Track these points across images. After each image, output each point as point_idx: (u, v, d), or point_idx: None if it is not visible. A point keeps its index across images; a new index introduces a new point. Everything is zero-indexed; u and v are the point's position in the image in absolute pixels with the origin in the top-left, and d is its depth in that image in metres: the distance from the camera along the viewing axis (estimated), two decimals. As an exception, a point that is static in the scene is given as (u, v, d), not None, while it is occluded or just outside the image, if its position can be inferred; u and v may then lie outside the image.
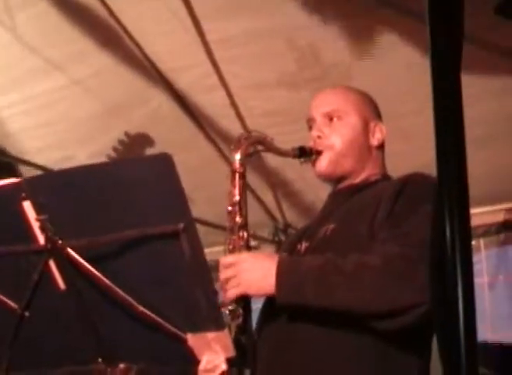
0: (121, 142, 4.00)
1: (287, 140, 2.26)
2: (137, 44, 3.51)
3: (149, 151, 3.88)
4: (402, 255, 1.80)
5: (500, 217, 4.47)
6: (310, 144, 2.19)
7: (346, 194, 2.17)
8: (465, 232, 0.72)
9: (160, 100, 3.85)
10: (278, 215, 4.84)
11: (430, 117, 0.93)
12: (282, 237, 4.79)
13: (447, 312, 0.73)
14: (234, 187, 2.07)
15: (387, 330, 1.83)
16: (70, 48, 3.52)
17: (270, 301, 1.96)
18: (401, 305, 1.78)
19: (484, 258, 4.43)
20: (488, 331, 4.33)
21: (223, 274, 1.93)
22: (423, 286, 1.72)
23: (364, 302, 1.81)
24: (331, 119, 2.19)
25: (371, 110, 2.26)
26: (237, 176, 2.07)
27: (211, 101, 3.87)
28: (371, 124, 2.22)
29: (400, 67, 3.34)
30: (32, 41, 3.47)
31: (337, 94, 2.27)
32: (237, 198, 2.05)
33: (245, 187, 2.08)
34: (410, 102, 3.51)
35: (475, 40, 2.99)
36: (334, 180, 2.21)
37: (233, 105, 3.84)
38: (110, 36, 3.47)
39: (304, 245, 2.09)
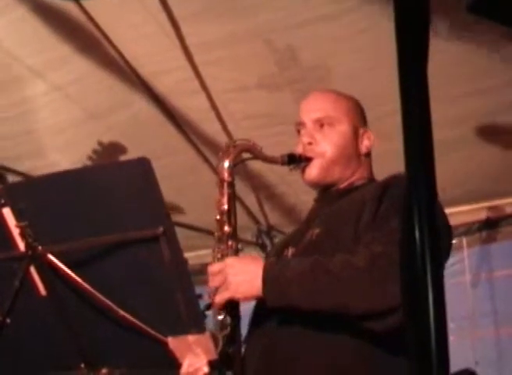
0: (95, 152, 3.98)
1: (269, 142, 2.25)
2: (117, 49, 3.49)
3: (123, 158, 3.84)
4: (385, 254, 1.80)
5: (482, 215, 4.50)
6: (298, 149, 2.17)
7: (331, 198, 2.17)
8: (434, 231, 0.73)
9: (140, 105, 3.83)
10: (261, 217, 4.85)
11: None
12: (266, 240, 4.80)
13: (417, 313, 0.73)
14: (222, 195, 2.05)
15: (375, 330, 1.82)
16: (49, 54, 3.50)
17: (260, 306, 1.96)
18: (386, 306, 1.76)
19: (466, 256, 4.46)
20: (470, 329, 4.35)
21: (212, 282, 1.92)
22: None
23: (350, 303, 1.81)
24: (322, 125, 2.18)
25: (360, 116, 2.26)
26: (226, 185, 2.05)
27: (192, 105, 3.85)
28: (360, 131, 2.22)
29: (381, 67, 3.35)
30: (10, 47, 3.45)
31: (328, 99, 2.24)
32: (226, 206, 2.03)
33: (234, 196, 2.06)
34: (391, 103, 3.50)
35: (451, 37, 2.99)
36: (322, 186, 2.21)
37: (214, 108, 3.83)
38: (89, 41, 3.45)
39: (290, 251, 2.09)
